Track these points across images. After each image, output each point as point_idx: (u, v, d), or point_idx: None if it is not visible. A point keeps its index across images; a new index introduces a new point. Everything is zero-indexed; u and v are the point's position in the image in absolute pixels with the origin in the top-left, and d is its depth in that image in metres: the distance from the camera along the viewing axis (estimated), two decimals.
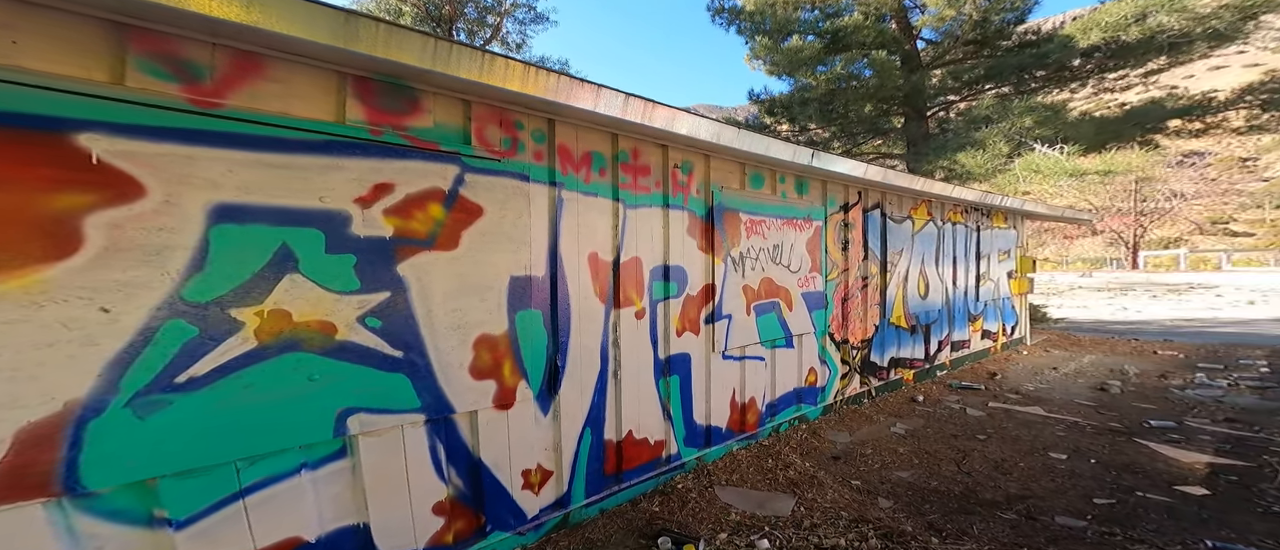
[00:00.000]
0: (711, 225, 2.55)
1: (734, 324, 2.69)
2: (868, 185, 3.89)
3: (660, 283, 2.31)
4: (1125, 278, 21.81)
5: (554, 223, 1.91)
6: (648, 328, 2.25)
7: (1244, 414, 3.41)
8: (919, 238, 4.71)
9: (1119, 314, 10.18)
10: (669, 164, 2.35)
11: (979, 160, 5.61)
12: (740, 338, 2.75)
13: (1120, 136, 6.40)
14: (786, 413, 3.24)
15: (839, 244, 3.70)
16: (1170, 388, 4.17)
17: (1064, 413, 3.59)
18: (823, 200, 3.52)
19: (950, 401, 3.99)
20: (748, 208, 2.80)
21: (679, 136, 2.17)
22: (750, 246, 2.82)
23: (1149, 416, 3.43)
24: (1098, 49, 6.26)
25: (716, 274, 2.57)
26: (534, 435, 1.87)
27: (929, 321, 4.90)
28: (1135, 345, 6.23)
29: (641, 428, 2.24)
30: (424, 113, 1.62)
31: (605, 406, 2.09)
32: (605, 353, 2.07)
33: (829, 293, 3.57)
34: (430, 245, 1.61)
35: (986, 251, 5.89)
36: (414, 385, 1.57)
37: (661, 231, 2.31)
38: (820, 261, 3.47)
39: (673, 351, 2.36)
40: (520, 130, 1.84)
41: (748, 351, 2.85)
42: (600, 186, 2.08)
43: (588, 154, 2.04)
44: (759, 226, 2.90)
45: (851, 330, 3.86)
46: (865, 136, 10.65)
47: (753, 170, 2.87)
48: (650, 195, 2.28)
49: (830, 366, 3.65)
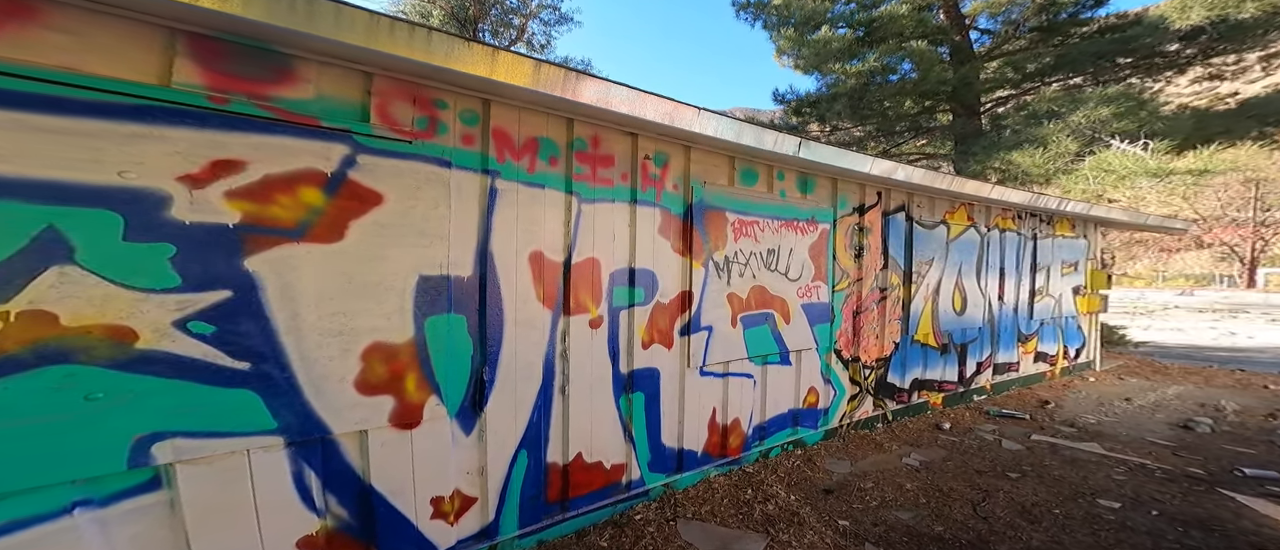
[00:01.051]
0: (690, 225, 2.37)
1: (715, 337, 2.52)
2: (889, 185, 3.54)
3: (623, 288, 2.12)
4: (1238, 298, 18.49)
5: (485, 216, 1.72)
6: (606, 338, 2.06)
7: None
8: (955, 246, 4.23)
9: (1223, 339, 8.61)
10: (638, 154, 2.16)
11: (1037, 159, 4.93)
12: (723, 352, 2.57)
13: (1231, 132, 5.38)
14: (779, 436, 2.99)
15: (851, 250, 3.39)
16: (1279, 430, 3.42)
17: (1128, 452, 3.04)
18: (832, 201, 3.24)
19: (984, 431, 3.53)
20: (737, 206, 2.62)
21: (650, 123, 1.99)
22: (739, 250, 2.64)
23: (1244, 463, 2.81)
24: (1202, 31, 5.30)
25: (695, 280, 2.40)
26: (450, 457, 1.66)
27: (966, 340, 4.38)
28: (1239, 377, 5.20)
29: (595, 450, 2.06)
30: (300, 82, 1.38)
31: (549, 425, 1.91)
32: (550, 365, 1.90)
33: (836, 305, 3.28)
34: (299, 236, 1.37)
35: (1045, 263, 5.18)
36: (267, 403, 1.34)
37: (627, 230, 2.13)
38: (827, 269, 3.19)
39: (637, 366, 2.19)
40: (442, 109, 1.63)
41: (732, 368, 2.65)
42: (549, 177, 1.88)
43: (533, 140, 1.84)
44: (750, 228, 2.71)
45: (864, 347, 3.52)
46: (906, 135, 9.85)
47: (744, 164, 2.66)
48: (613, 189, 2.08)
49: (836, 387, 3.34)
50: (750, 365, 2.78)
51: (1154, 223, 5.20)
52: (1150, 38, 5.25)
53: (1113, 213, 4.78)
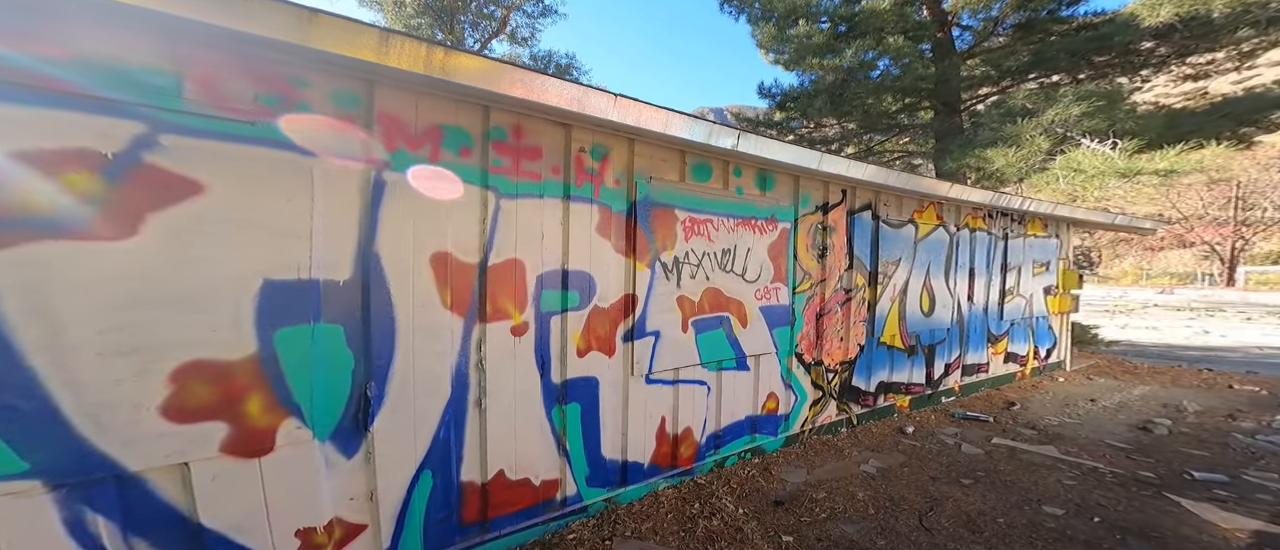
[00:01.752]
0: (634, 223, 2.28)
1: (663, 342, 2.45)
2: (854, 183, 3.51)
3: (555, 292, 2.03)
4: (1216, 296, 19.17)
5: (370, 212, 1.54)
6: (533, 346, 1.96)
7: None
8: (924, 245, 4.24)
9: (1197, 338, 8.87)
10: (571, 147, 2.04)
11: (1011, 158, 4.97)
12: (672, 358, 2.50)
13: (1203, 131, 5.50)
14: (736, 444, 2.95)
15: (814, 250, 3.36)
16: (1236, 431, 3.49)
17: (1083, 455, 3.07)
18: (793, 198, 3.19)
19: (946, 434, 3.54)
20: (688, 204, 2.54)
21: (585, 117, 1.88)
22: (690, 250, 2.57)
23: (1195, 466, 2.86)
24: (1174, 29, 5.40)
25: (639, 282, 2.32)
26: (323, 484, 1.50)
27: (933, 342, 4.40)
28: (1206, 376, 5.34)
29: (521, 466, 1.96)
30: (70, 43, 1.13)
31: (462, 442, 1.79)
32: (462, 377, 1.78)
33: (798, 307, 3.25)
34: (60, 232, 1.14)
35: (1016, 263, 5.24)
36: (9, 441, 1.12)
37: (559, 229, 2.03)
38: (787, 270, 3.15)
39: (572, 375, 2.09)
40: (303, 88, 1.43)
41: (683, 374, 2.58)
42: (459, 169, 1.73)
43: (436, 128, 1.67)
44: (703, 227, 2.64)
45: (827, 350, 3.50)
46: (888, 133, 9.91)
47: (697, 159, 2.58)
48: (541, 184, 1.95)
49: (797, 392, 3.32)
50: (704, 372, 2.73)
51: (1123, 222, 5.29)
52: (1123, 36, 5.33)
53: (1077, 212, 4.84)
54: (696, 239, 2.61)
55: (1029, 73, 5.96)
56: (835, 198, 3.49)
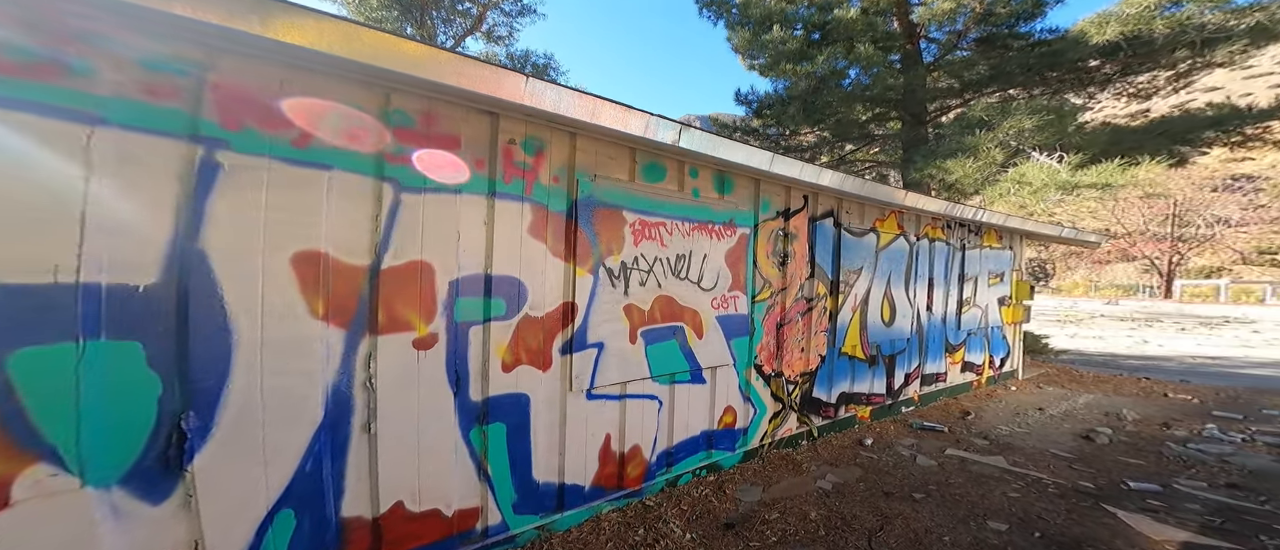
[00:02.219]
0: (575, 225, 2.13)
1: (608, 354, 2.31)
2: (815, 189, 3.50)
3: (475, 300, 1.84)
4: (1155, 307, 20.94)
5: (195, 201, 1.29)
6: (444, 361, 1.76)
7: (1251, 479, 2.94)
8: (885, 255, 4.31)
9: (1138, 347, 9.56)
10: (498, 138, 1.86)
11: (968, 169, 5.19)
12: (618, 371, 2.36)
13: (1141, 147, 5.92)
14: (690, 461, 2.84)
15: (774, 258, 3.32)
16: (1169, 440, 3.69)
17: (1030, 466, 3.15)
18: (753, 203, 3.14)
19: (903, 446, 3.57)
20: (639, 205, 2.42)
21: (510, 105, 1.70)
22: (640, 255, 2.45)
23: (1132, 475, 2.98)
24: (1120, 47, 5.81)
25: (580, 289, 2.17)
26: (109, 540, 1.22)
27: (894, 352, 4.47)
28: (1144, 385, 5.70)
29: (429, 495, 1.76)
30: None
31: (342, 472, 1.56)
32: (343, 398, 1.55)
33: (757, 316, 3.19)
34: None
35: (973, 273, 5.44)
36: None
37: (482, 229, 1.85)
38: (746, 278, 3.09)
39: (496, 392, 1.91)
40: (80, 42, 1.14)
41: (631, 389, 2.45)
42: (340, 156, 1.50)
43: (309, 106, 1.44)
44: (655, 230, 2.53)
45: (788, 361, 3.46)
46: (860, 142, 10.23)
47: (648, 158, 2.46)
48: (458, 177, 1.77)
49: (756, 404, 3.25)
50: (654, 385, 2.60)
51: (1069, 235, 5.59)
52: (1073, 52, 5.70)
53: (1027, 224, 5.07)
54: (647, 243, 2.49)
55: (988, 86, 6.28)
56: (797, 203, 3.47)
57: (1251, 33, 5.06)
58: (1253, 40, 5.22)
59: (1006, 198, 4.71)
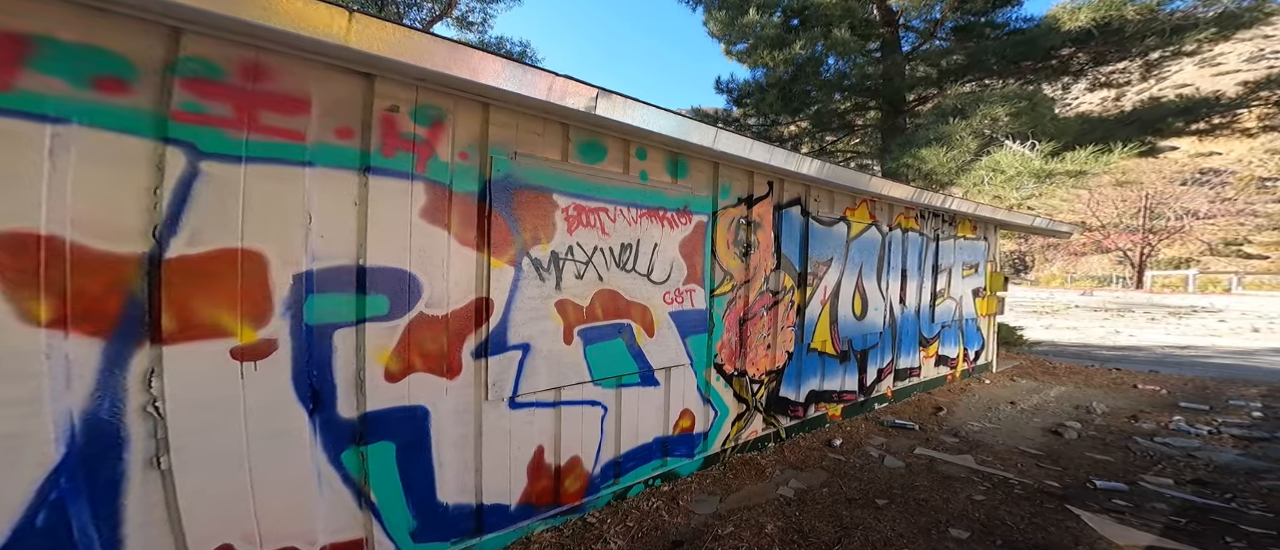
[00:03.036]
0: (489, 209, 1.90)
1: (536, 357, 2.10)
2: (781, 174, 3.35)
3: (340, 296, 1.56)
4: (1127, 298, 21.97)
5: None
6: (290, 372, 1.47)
7: (1218, 474, 2.95)
8: (856, 245, 4.21)
9: (1110, 338, 9.91)
10: (374, 103, 1.61)
11: (942, 157, 5.18)
12: (550, 375, 2.16)
13: (1113, 136, 6.04)
14: (642, 471, 2.67)
15: (736, 248, 3.16)
16: (1137, 434, 3.72)
17: (997, 465, 3.10)
18: (712, 188, 2.96)
19: (872, 446, 3.48)
20: (574, 188, 2.20)
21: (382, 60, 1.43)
22: (576, 245, 2.24)
23: (1098, 473, 2.96)
24: (1091, 35, 5.89)
25: (496, 283, 1.95)
26: None
27: (866, 347, 4.40)
28: (1114, 377, 5.83)
29: (275, 533, 1.48)
30: None
31: (112, 521, 1.25)
32: (103, 429, 1.23)
33: (717, 312, 3.03)
34: None
35: (947, 264, 5.43)
36: None
37: (352, 211, 1.57)
38: (704, 270, 2.92)
39: (379, 405, 1.65)
40: None
41: (567, 395, 2.25)
42: (83, 109, 1.17)
43: (16, 40, 1.10)
44: (595, 216, 2.32)
45: (752, 359, 3.32)
46: (840, 132, 10.24)
47: (586, 136, 2.24)
48: (307, 147, 1.47)
49: (717, 407, 3.10)
50: (597, 390, 2.41)
51: (1041, 224, 5.65)
52: (1046, 40, 5.75)
53: (999, 213, 5.09)
54: (585, 231, 2.28)
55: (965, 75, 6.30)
56: (761, 190, 3.31)
57: (1219, 21, 5.20)
58: (1221, 28, 5.36)
59: (981, 187, 4.71)
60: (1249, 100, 5.73)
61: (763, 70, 8.65)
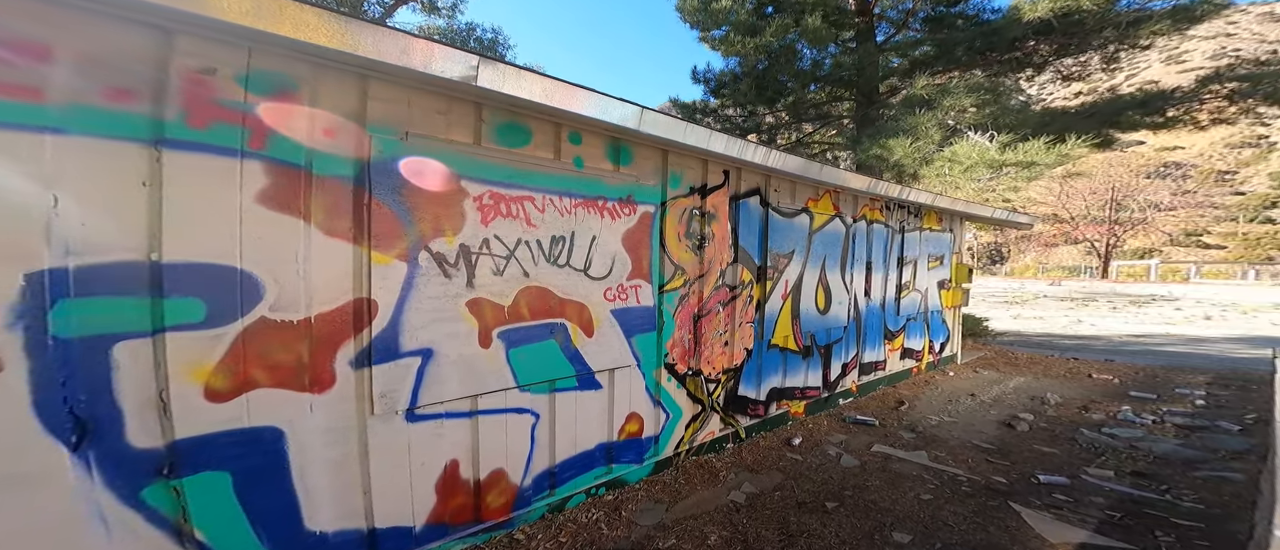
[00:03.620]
0: (367, 195, 1.68)
1: (442, 363, 1.92)
2: (738, 164, 3.25)
3: (119, 300, 1.29)
4: (1092, 287, 23.22)
5: None
6: (27, 397, 1.19)
7: (1156, 466, 3.06)
8: (819, 237, 4.18)
9: (1073, 327, 10.39)
10: (172, 61, 1.33)
11: (907, 148, 5.23)
12: (463, 383, 1.99)
13: (1070, 128, 6.23)
14: (583, 480, 2.55)
15: (689, 240, 3.05)
16: (1084, 426, 3.84)
17: (949, 461, 3.14)
18: (660, 177, 2.84)
19: (831, 444, 3.48)
20: (490, 175, 2.02)
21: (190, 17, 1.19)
22: (493, 237, 2.06)
23: (1044, 467, 3.03)
24: (1052, 26, 6.03)
25: (382, 281, 1.73)
26: None
27: (830, 341, 4.40)
28: (1071, 366, 6.08)
29: None
30: None
31: None
32: None
33: (667, 308, 2.92)
34: None
35: (912, 257, 5.50)
36: None
37: (142, 193, 1.30)
38: (651, 264, 2.80)
39: (200, 430, 1.41)
40: None
41: (486, 403, 2.10)
42: None
43: None
44: (518, 206, 2.14)
45: (707, 358, 3.24)
46: (816, 124, 10.29)
47: (503, 117, 2.06)
48: (60, 109, 1.19)
49: (669, 408, 3.01)
50: (525, 396, 2.27)
51: (1000, 216, 5.79)
52: (1009, 30, 5.87)
53: (957, 204, 5.18)
54: (505, 222, 2.12)
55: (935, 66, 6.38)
56: (716, 179, 3.21)
57: (1173, 15, 5.41)
58: (1175, 21, 5.59)
59: (942, 177, 4.78)
60: (1201, 94, 6.00)
61: (738, 59, 8.56)
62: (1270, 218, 36.60)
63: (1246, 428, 3.67)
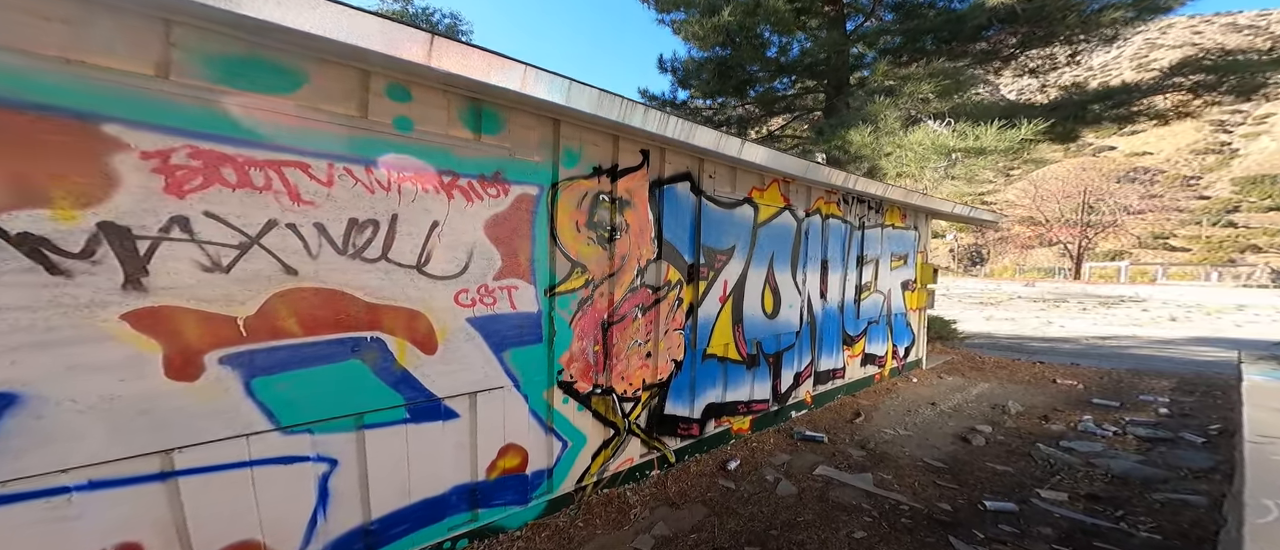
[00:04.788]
0: None
1: (43, 412, 1.31)
2: (661, 142, 2.88)
3: None
4: (1064, 289, 24.35)
5: None
6: None
7: (1113, 487, 2.88)
8: (766, 232, 3.89)
9: (1043, 329, 10.63)
10: None
11: (866, 137, 5.08)
12: (118, 437, 1.40)
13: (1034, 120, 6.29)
14: (423, 536, 2.08)
15: (592, 232, 2.67)
16: (1043, 438, 3.68)
17: (895, 485, 2.88)
18: (550, 152, 2.40)
19: (771, 467, 3.17)
20: (180, 121, 1.44)
21: None
22: (199, 214, 1.49)
23: (994, 489, 2.81)
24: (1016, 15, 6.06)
25: None
26: None
27: (780, 349, 4.12)
28: (1037, 371, 6.06)
29: None
30: None
31: None
32: None
33: (560, 314, 2.52)
34: None
35: (873, 255, 5.32)
36: None
37: None
38: (533, 260, 2.39)
39: None
40: None
41: (195, 459, 1.53)
42: None
43: None
44: (265, 174, 1.59)
45: (622, 372, 2.87)
46: (787, 116, 10.19)
47: (245, 48, 1.53)
48: None
49: (566, 435, 2.61)
50: (303, 440, 1.73)
51: (960, 211, 5.73)
52: (973, 18, 5.87)
53: (912, 196, 5.04)
54: (234, 196, 1.54)
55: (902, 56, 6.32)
56: (630, 159, 2.83)
57: (1136, 3, 5.51)
58: (1139, 12, 5.70)
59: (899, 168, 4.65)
60: (1163, 85, 6.16)
61: (697, 44, 8.32)
62: (1232, 222, 39.65)
63: (1210, 440, 3.59)
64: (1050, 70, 7.32)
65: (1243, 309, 14.26)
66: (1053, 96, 7.00)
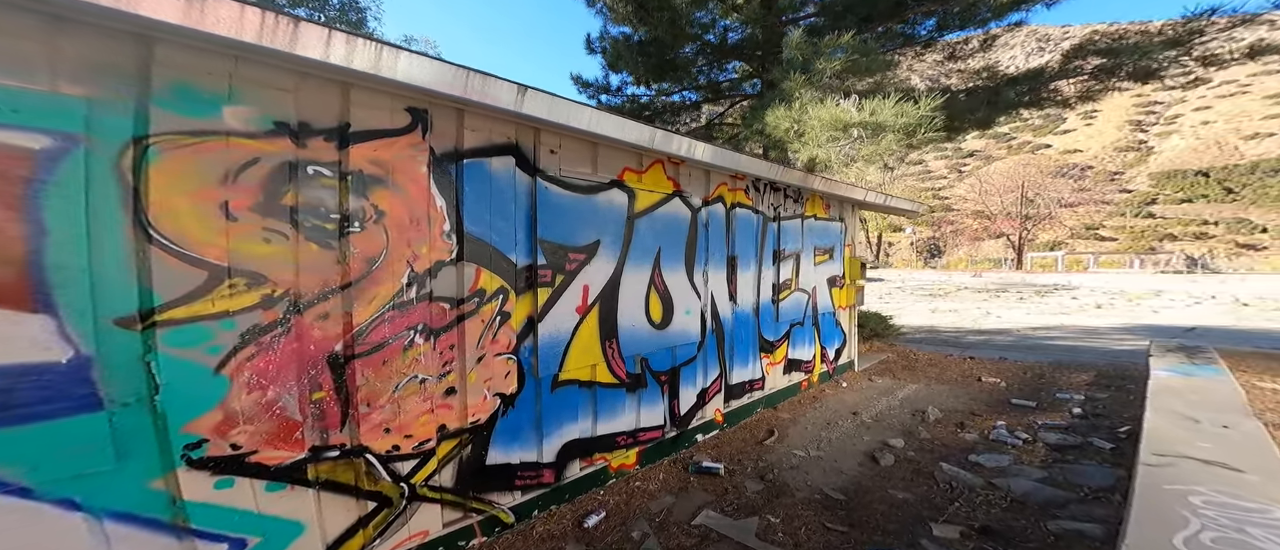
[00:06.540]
0: None
1: None
2: (425, 96, 2.17)
3: None
4: (1007, 279, 26.40)
5: None
6: None
7: (1011, 513, 2.62)
8: (647, 224, 3.40)
9: (981, 320, 11.12)
10: None
11: (780, 116, 4.85)
12: None
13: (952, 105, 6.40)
14: None
15: (287, 223, 1.88)
16: (952, 454, 3.45)
17: (780, 532, 2.47)
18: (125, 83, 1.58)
19: (644, 519, 2.66)
20: None
21: None
22: None
23: (888, 526, 2.50)
24: None
25: None
26: None
27: (676, 363, 3.65)
28: (966, 368, 6.07)
29: None
30: None
31: None
32: None
33: (183, 354, 1.72)
34: None
35: (793, 250, 5.03)
36: None
37: None
38: (49, 266, 1.54)
39: None
40: None
41: None
42: None
43: None
44: None
45: (389, 420, 2.20)
46: (726, 104, 10.02)
47: None
48: None
49: (236, 532, 1.81)
50: None
51: (874, 200, 5.67)
52: None
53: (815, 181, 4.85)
54: None
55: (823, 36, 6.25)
56: (379, 119, 2.10)
57: None
58: None
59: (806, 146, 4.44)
60: (1068, 69, 6.47)
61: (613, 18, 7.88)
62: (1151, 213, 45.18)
63: (1118, 445, 3.52)
64: (968, 57, 7.56)
65: (1160, 295, 15.85)
66: (970, 84, 7.25)
